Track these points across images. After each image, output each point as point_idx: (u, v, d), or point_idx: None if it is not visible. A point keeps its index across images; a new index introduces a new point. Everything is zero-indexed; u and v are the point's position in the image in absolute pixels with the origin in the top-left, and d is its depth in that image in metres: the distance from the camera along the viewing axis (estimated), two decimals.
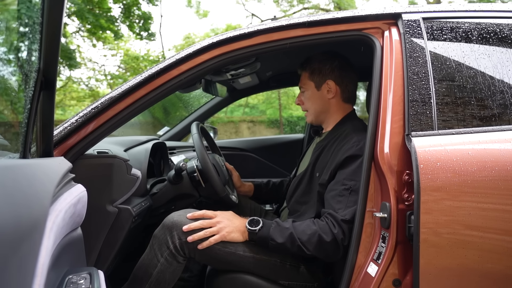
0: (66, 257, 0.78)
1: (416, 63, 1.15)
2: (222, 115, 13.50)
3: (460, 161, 1.01)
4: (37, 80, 0.74)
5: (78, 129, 1.16)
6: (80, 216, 0.80)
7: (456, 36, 1.19)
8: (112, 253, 1.23)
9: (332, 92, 1.41)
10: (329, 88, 1.41)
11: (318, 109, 1.45)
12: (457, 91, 1.13)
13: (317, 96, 1.44)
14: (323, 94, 1.43)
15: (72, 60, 10.76)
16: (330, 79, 1.42)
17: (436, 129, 1.09)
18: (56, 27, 0.66)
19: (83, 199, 0.78)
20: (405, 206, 1.06)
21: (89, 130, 1.17)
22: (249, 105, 14.95)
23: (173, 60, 1.20)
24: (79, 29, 11.93)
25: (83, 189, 0.81)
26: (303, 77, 1.47)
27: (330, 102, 1.44)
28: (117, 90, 1.18)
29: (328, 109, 1.45)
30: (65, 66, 11.40)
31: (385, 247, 1.08)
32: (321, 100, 1.44)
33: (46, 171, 0.60)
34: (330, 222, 1.17)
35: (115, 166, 1.20)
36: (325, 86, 1.41)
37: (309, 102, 1.46)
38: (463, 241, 0.99)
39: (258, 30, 1.23)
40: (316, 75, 1.43)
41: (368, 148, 1.14)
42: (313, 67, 1.44)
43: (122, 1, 11.14)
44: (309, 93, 1.45)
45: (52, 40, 0.70)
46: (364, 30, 1.25)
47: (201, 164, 1.39)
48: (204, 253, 1.21)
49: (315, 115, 1.47)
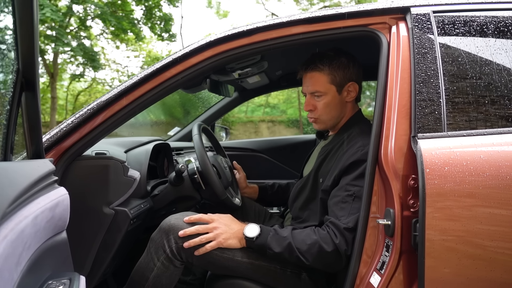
0: (48, 261, 0.77)
1: (424, 60, 1.08)
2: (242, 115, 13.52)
3: (471, 166, 0.94)
4: (16, 81, 0.72)
5: (75, 130, 1.15)
6: (63, 220, 0.78)
7: (470, 30, 1.10)
8: (109, 256, 1.21)
9: (352, 95, 1.30)
10: (349, 91, 1.28)
11: (336, 115, 1.30)
12: (469, 90, 1.04)
13: (337, 101, 1.28)
14: (343, 97, 1.29)
15: (96, 62, 11.04)
16: (353, 80, 1.28)
17: (445, 130, 1.01)
18: (30, 27, 0.64)
19: (63, 203, 0.76)
20: (410, 213, 0.99)
21: (85, 131, 1.16)
22: (270, 104, 14.91)
23: (170, 59, 1.18)
24: (103, 31, 12.26)
25: (64, 193, 0.79)
26: (317, 80, 1.27)
27: (347, 105, 1.33)
28: (113, 91, 1.17)
29: (345, 113, 1.33)
30: (90, 68, 11.75)
31: (388, 256, 1.01)
32: (340, 105, 1.29)
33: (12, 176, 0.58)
34: (331, 231, 1.11)
35: (111, 167, 1.19)
36: (346, 89, 1.28)
37: (327, 108, 1.29)
38: (473, 252, 0.91)
39: (257, 28, 1.19)
40: (338, 78, 1.26)
41: (372, 151, 1.07)
42: (333, 68, 1.25)
43: (144, 3, 11.34)
44: (328, 98, 1.28)
45: (28, 41, 0.68)
46: (370, 26, 1.18)
47: (201, 166, 1.36)
48: (201, 258, 1.18)
49: (331, 122, 1.32)
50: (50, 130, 1.15)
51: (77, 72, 12.24)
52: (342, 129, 1.36)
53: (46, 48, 11.08)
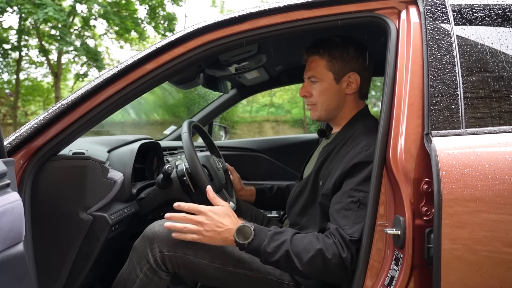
0: None
1: (439, 48, 0.95)
2: (246, 115, 13.41)
3: (495, 168, 0.81)
4: None
5: (48, 127, 1.04)
6: (15, 231, 0.66)
7: (491, 14, 0.97)
8: (87, 265, 1.10)
9: (353, 87, 1.20)
10: (349, 82, 1.19)
11: (332, 105, 1.22)
12: (491, 81, 0.92)
13: (334, 91, 1.20)
14: (342, 88, 1.20)
15: (99, 62, 10.99)
16: (354, 71, 1.19)
17: (464, 127, 0.89)
18: None
19: (13, 211, 0.65)
20: (424, 222, 0.86)
21: (61, 127, 1.05)
22: (275, 104, 14.78)
23: (153, 49, 1.06)
24: (107, 31, 12.22)
25: (15, 199, 0.68)
26: (316, 65, 1.21)
27: (347, 98, 1.22)
28: (92, 83, 1.05)
29: (343, 106, 1.23)
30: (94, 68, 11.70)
31: (398, 271, 0.89)
32: (338, 95, 1.21)
33: None
34: (338, 242, 0.98)
35: (88, 168, 1.08)
36: (346, 79, 1.19)
37: (322, 96, 1.21)
38: (495, 266, 0.79)
39: (250, 14, 1.07)
40: (337, 65, 1.18)
41: (379, 151, 0.95)
42: (333, 54, 1.18)
43: (148, 3, 11.28)
44: (324, 85, 1.20)
45: None
46: (377, 11, 1.05)
47: (190, 167, 1.24)
48: (190, 268, 1.07)
49: (326, 112, 1.24)
50: (20, 128, 1.04)
51: (82, 72, 12.20)
52: (345, 127, 1.23)
53: (50, 48, 11.06)
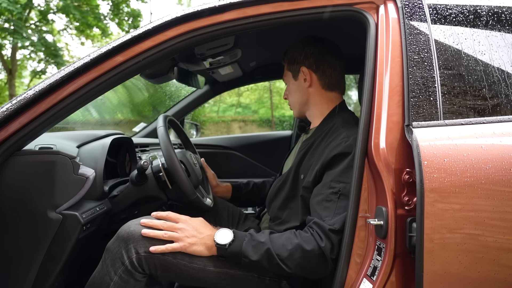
0: None
1: (417, 43, 0.98)
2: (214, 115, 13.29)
3: (472, 157, 0.83)
4: None
5: (11, 120, 0.95)
6: None
7: (465, 8, 1.01)
8: (57, 268, 1.03)
9: (308, 80, 1.26)
10: (304, 77, 1.27)
11: (298, 100, 1.33)
12: (467, 75, 0.95)
13: (296, 87, 1.32)
14: (301, 83, 1.29)
15: (59, 58, 10.47)
16: (304, 65, 1.27)
17: (442, 118, 0.91)
18: None
19: None
20: (405, 212, 0.88)
21: (25, 120, 0.97)
22: (242, 104, 14.76)
23: (128, 37, 1.01)
24: (67, 26, 11.66)
25: None
26: (284, 69, 1.36)
27: (309, 91, 1.28)
28: (59, 74, 0.98)
29: (308, 99, 1.30)
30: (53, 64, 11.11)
31: (381, 261, 0.89)
32: (300, 90, 1.31)
33: None
34: (316, 233, 0.98)
35: (58, 164, 1.00)
36: (301, 75, 1.28)
37: (292, 96, 1.35)
38: (476, 252, 0.81)
39: (231, 4, 1.04)
40: (292, 64, 1.31)
41: (360, 142, 0.95)
42: (289, 56, 1.33)
43: None
44: (290, 86, 1.34)
45: None
46: (356, 5, 1.06)
47: (167, 162, 1.19)
48: (167, 269, 1.02)
49: (297, 108, 1.35)
50: None
51: (39, 68, 11.55)
52: (324, 121, 1.25)
53: (4, 43, 10.38)
